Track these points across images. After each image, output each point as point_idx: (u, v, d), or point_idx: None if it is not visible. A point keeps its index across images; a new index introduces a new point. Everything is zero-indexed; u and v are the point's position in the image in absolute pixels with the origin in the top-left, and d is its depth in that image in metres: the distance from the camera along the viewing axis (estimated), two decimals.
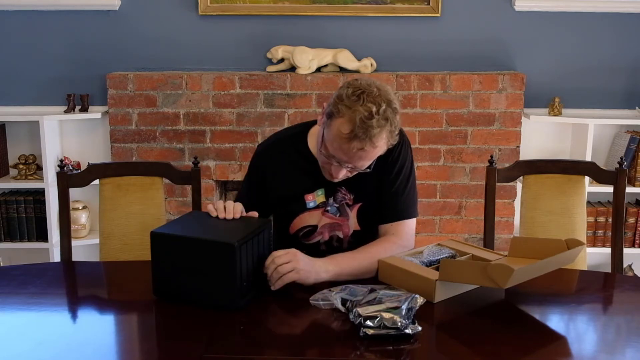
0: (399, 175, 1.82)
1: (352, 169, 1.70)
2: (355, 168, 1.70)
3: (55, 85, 3.33)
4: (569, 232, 2.14)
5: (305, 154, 1.83)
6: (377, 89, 1.61)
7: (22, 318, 1.52)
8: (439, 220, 3.26)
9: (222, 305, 1.49)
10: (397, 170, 1.81)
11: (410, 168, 1.85)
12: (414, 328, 1.36)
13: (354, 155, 1.64)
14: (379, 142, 1.61)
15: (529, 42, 3.29)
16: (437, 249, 1.75)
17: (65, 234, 2.10)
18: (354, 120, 1.57)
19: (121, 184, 2.16)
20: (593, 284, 1.79)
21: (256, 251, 1.55)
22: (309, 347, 1.36)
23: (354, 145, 1.60)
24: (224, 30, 3.29)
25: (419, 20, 3.27)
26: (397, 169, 1.81)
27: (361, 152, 1.62)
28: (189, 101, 3.17)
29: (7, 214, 3.26)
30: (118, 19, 3.28)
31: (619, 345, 1.41)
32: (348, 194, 1.82)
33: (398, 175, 1.82)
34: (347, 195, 1.82)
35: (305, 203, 1.83)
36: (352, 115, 1.58)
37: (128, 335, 1.49)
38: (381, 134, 1.60)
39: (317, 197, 1.83)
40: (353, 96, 1.59)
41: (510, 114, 3.17)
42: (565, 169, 2.20)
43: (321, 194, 1.83)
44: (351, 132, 1.58)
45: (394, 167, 1.81)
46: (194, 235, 1.52)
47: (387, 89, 1.65)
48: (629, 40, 3.29)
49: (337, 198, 1.83)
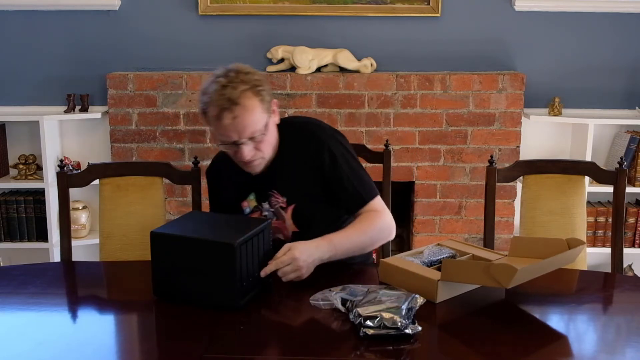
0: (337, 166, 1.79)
1: (251, 140, 1.70)
2: (252, 139, 1.70)
3: (55, 85, 3.33)
4: (569, 232, 2.14)
5: (235, 165, 1.82)
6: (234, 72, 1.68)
7: (22, 318, 1.52)
8: (439, 220, 3.26)
9: (222, 305, 1.49)
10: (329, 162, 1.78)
11: (347, 154, 1.83)
12: (414, 328, 1.36)
13: (235, 128, 1.66)
14: (245, 102, 1.65)
15: (529, 42, 3.29)
16: (437, 249, 1.75)
17: (65, 234, 2.10)
18: (213, 99, 1.65)
19: (121, 184, 2.16)
20: (593, 284, 1.79)
21: (256, 251, 1.55)
22: (309, 347, 1.36)
23: (227, 118, 1.65)
24: (224, 30, 3.29)
25: (419, 20, 3.27)
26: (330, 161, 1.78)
27: (237, 120, 1.65)
28: (189, 101, 3.17)
29: (7, 214, 3.26)
30: (118, 19, 3.28)
31: (619, 345, 1.41)
32: (280, 197, 1.83)
33: (335, 166, 1.79)
34: (279, 198, 1.84)
35: (243, 210, 1.87)
36: (212, 97, 1.66)
37: (128, 335, 1.49)
38: (245, 94, 1.65)
39: (250, 201, 1.87)
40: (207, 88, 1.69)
41: (510, 114, 3.17)
42: (565, 169, 2.20)
43: (252, 198, 1.87)
44: (218, 108, 1.64)
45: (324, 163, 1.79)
46: (194, 235, 1.52)
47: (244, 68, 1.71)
48: (629, 40, 3.29)
49: (271, 202, 1.84)
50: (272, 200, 1.84)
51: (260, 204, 1.86)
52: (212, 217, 1.77)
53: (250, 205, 1.87)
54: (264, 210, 1.85)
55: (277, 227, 1.85)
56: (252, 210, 1.86)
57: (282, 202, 1.84)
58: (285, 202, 1.84)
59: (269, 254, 1.62)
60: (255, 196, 1.86)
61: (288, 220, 1.84)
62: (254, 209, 1.86)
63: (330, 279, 1.64)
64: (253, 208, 1.86)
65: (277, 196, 1.84)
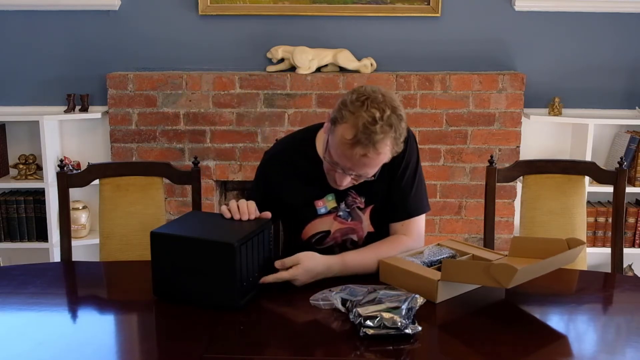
0: (406, 172, 1.80)
1: (357, 176, 1.68)
2: (360, 176, 1.68)
3: (55, 85, 3.33)
4: (569, 232, 2.14)
5: (314, 160, 1.79)
6: (382, 96, 1.59)
7: (22, 318, 1.52)
8: (439, 220, 3.26)
9: (222, 305, 1.49)
10: (403, 167, 1.79)
11: (416, 163, 1.83)
12: (414, 328, 1.36)
13: (357, 162, 1.61)
14: (382, 149, 1.59)
15: (529, 42, 3.29)
16: (437, 249, 1.75)
17: (65, 234, 2.10)
18: (357, 125, 1.55)
19: (121, 184, 2.16)
20: (593, 284, 1.79)
21: (256, 251, 1.55)
22: (309, 347, 1.36)
23: (357, 152, 1.58)
24: (224, 30, 3.29)
25: (419, 20, 3.27)
26: (404, 166, 1.79)
27: (364, 159, 1.60)
28: (189, 101, 3.17)
29: (7, 214, 3.26)
30: (118, 19, 3.28)
31: (619, 345, 1.41)
32: (358, 197, 1.81)
33: (404, 172, 1.80)
34: (357, 198, 1.81)
35: (316, 209, 1.81)
36: (355, 121, 1.56)
37: (128, 335, 1.49)
38: (385, 141, 1.57)
39: (328, 202, 1.81)
40: (357, 102, 1.57)
41: (510, 114, 3.17)
42: (565, 169, 2.20)
43: (332, 199, 1.81)
44: (354, 138, 1.56)
45: (401, 164, 1.79)
46: (194, 235, 1.52)
47: (393, 96, 1.62)
48: (629, 40, 3.29)
49: (348, 202, 1.81)
50: (348, 200, 1.81)
51: (338, 205, 1.81)
52: (212, 217, 1.77)
53: (328, 205, 1.81)
54: (340, 210, 1.81)
55: (352, 228, 1.82)
56: (329, 211, 1.81)
57: (359, 203, 1.81)
58: (363, 202, 1.81)
59: (269, 254, 1.62)
60: (335, 197, 1.81)
61: (365, 221, 1.82)
62: (332, 210, 1.81)
63: (330, 279, 1.64)
64: (331, 209, 1.81)
65: (355, 196, 1.80)
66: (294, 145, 1.87)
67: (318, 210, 1.81)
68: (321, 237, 1.83)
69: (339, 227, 1.82)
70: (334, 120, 1.62)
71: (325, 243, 1.83)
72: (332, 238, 1.83)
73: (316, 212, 1.81)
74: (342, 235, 1.83)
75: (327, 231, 1.83)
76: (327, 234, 1.83)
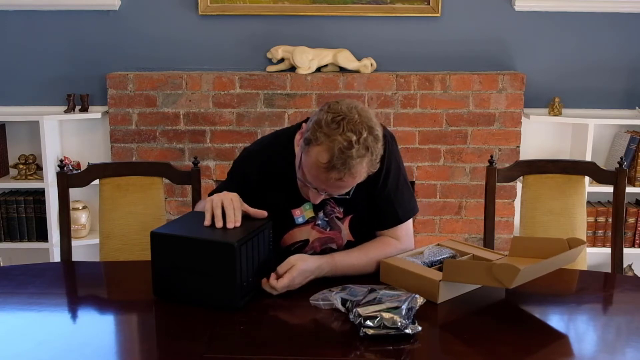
0: (388, 179, 1.75)
1: (330, 195, 1.66)
2: (333, 195, 1.66)
3: (55, 85, 3.33)
4: (569, 232, 2.15)
5: (292, 164, 1.70)
6: (359, 115, 1.52)
7: (22, 318, 1.52)
8: (439, 220, 3.26)
9: (222, 305, 1.49)
10: (384, 175, 1.74)
11: (398, 167, 1.77)
12: (414, 328, 1.36)
13: (332, 185, 1.57)
14: (358, 173, 1.54)
15: (529, 42, 3.29)
16: (438, 249, 1.75)
17: (65, 234, 2.10)
18: (332, 150, 1.49)
19: (121, 184, 2.16)
20: (593, 284, 1.79)
21: (256, 251, 1.55)
22: (309, 347, 1.36)
23: (332, 176, 1.53)
24: (224, 30, 3.29)
25: (419, 20, 3.27)
26: (385, 174, 1.74)
27: (339, 182, 1.55)
28: (189, 101, 3.17)
29: (7, 214, 3.26)
30: (118, 19, 3.28)
31: (619, 345, 1.41)
32: (337, 207, 1.77)
33: (387, 180, 1.75)
34: (335, 208, 1.77)
35: (293, 219, 1.77)
36: (330, 145, 1.49)
37: (128, 335, 1.49)
38: (361, 164, 1.52)
39: (306, 211, 1.77)
40: (333, 123, 1.50)
41: (510, 114, 3.17)
42: (565, 169, 2.20)
43: (309, 209, 1.76)
44: (329, 163, 1.50)
45: (381, 173, 1.72)
46: (194, 235, 1.52)
47: (369, 114, 1.55)
48: (629, 40, 3.29)
49: (326, 211, 1.77)
50: (327, 210, 1.77)
51: (316, 215, 1.78)
52: None
53: (306, 215, 1.77)
54: (318, 219, 1.77)
55: (331, 237, 1.79)
56: (307, 221, 1.77)
57: (338, 212, 1.77)
58: (342, 212, 1.77)
59: (269, 254, 1.62)
60: (312, 206, 1.75)
61: (345, 230, 1.79)
62: (310, 219, 1.77)
63: (330, 279, 1.64)
64: (309, 219, 1.77)
65: (334, 205, 1.76)
66: (273, 146, 1.80)
67: (296, 220, 1.77)
68: (300, 246, 1.80)
69: (317, 236, 1.79)
70: (307, 141, 1.55)
71: (304, 252, 1.77)
72: (311, 247, 1.80)
73: (294, 221, 1.77)
74: (322, 244, 1.80)
75: (306, 240, 1.80)
76: (306, 243, 1.80)
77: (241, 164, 1.82)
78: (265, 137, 1.88)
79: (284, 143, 1.77)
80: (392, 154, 1.75)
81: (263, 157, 1.78)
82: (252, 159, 1.80)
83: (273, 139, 1.83)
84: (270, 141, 1.83)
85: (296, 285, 1.59)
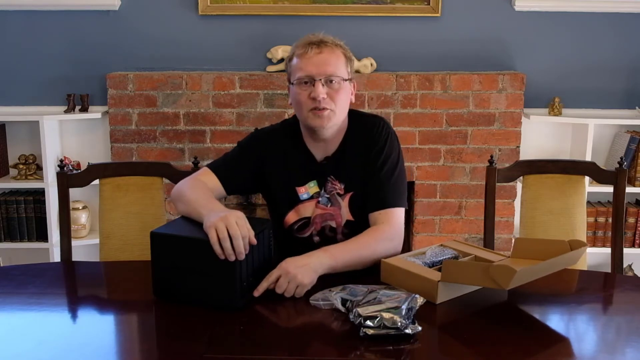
0: (385, 164, 1.83)
1: (326, 80, 1.75)
2: (330, 80, 1.76)
3: (55, 85, 3.33)
4: (569, 232, 2.15)
5: (298, 145, 1.86)
6: None
7: (22, 318, 1.52)
8: (439, 220, 3.26)
9: (222, 305, 1.49)
10: (383, 159, 1.83)
11: (397, 160, 1.85)
12: (414, 328, 1.36)
13: (317, 62, 1.75)
14: (334, 48, 1.78)
15: (529, 42, 3.29)
16: (440, 249, 1.75)
17: (65, 234, 2.10)
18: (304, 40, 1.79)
19: (121, 184, 2.16)
20: (593, 284, 1.79)
21: (256, 251, 1.55)
22: (309, 347, 1.36)
23: (312, 52, 1.75)
24: (224, 30, 3.29)
25: (419, 20, 3.27)
26: (383, 159, 1.83)
27: (321, 56, 1.75)
28: (189, 101, 3.17)
29: (7, 214, 3.26)
30: (118, 19, 3.28)
31: (619, 345, 1.41)
32: (338, 183, 1.84)
33: (384, 164, 1.83)
34: (336, 184, 1.84)
35: (298, 196, 1.84)
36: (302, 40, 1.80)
37: (128, 335, 1.49)
38: (334, 43, 1.79)
39: (310, 188, 1.85)
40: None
41: (510, 114, 3.17)
42: (565, 169, 2.20)
43: (314, 186, 1.85)
44: (304, 47, 1.77)
45: (380, 156, 1.83)
46: (194, 235, 1.52)
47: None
48: (629, 40, 3.29)
49: (327, 188, 1.84)
50: (328, 186, 1.84)
51: (320, 191, 1.85)
52: None
53: (311, 191, 1.84)
54: (320, 196, 1.85)
55: (330, 214, 1.85)
56: (312, 197, 1.84)
57: (339, 189, 1.84)
58: (342, 189, 1.84)
59: (269, 254, 1.62)
60: (317, 183, 1.85)
61: (344, 208, 1.84)
62: (314, 195, 1.85)
63: (330, 279, 1.64)
64: (313, 194, 1.85)
65: (335, 182, 1.84)
66: (282, 129, 1.93)
67: (301, 196, 1.85)
68: (302, 225, 1.86)
69: (319, 212, 1.85)
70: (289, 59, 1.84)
71: (306, 231, 1.86)
72: (312, 224, 1.86)
73: (298, 197, 1.84)
74: (322, 221, 1.85)
75: (309, 218, 1.86)
76: (309, 221, 1.86)
77: (252, 143, 1.91)
78: (275, 123, 2.03)
79: (292, 125, 1.92)
80: (394, 146, 1.87)
81: (274, 138, 1.91)
82: (264, 140, 1.91)
83: (283, 123, 1.99)
84: (280, 125, 1.98)
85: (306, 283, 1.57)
